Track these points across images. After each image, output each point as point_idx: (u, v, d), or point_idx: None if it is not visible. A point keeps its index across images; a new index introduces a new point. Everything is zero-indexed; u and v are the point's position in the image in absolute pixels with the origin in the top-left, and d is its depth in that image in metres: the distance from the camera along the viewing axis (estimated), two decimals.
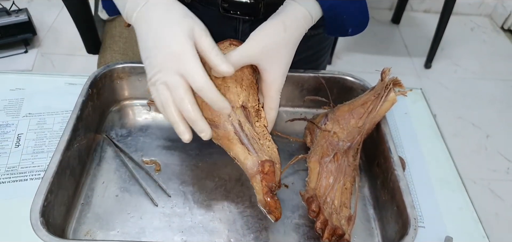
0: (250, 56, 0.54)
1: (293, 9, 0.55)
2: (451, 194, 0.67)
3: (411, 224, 0.52)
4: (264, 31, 0.54)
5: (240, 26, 0.71)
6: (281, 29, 0.54)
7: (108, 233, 0.56)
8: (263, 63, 0.55)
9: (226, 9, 0.68)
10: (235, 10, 0.68)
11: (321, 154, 0.61)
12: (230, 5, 0.67)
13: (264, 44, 0.54)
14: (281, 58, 0.55)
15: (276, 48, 0.54)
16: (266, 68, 0.55)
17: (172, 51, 0.49)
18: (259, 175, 0.54)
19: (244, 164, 0.55)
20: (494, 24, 2.63)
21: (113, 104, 0.73)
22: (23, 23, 1.91)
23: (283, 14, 0.55)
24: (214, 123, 0.55)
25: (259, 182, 0.54)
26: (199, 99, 0.53)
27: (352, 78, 0.71)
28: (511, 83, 2.21)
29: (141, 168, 0.64)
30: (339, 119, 0.62)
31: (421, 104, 0.82)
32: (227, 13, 0.68)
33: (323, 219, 0.55)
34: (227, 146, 0.56)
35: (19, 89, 0.75)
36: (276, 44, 0.54)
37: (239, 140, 0.55)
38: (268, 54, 0.54)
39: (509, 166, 1.78)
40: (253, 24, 0.70)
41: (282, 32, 0.54)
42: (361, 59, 2.25)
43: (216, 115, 0.55)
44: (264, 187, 0.54)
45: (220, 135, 0.56)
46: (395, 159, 0.59)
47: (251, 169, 0.54)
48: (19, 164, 0.63)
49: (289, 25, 0.54)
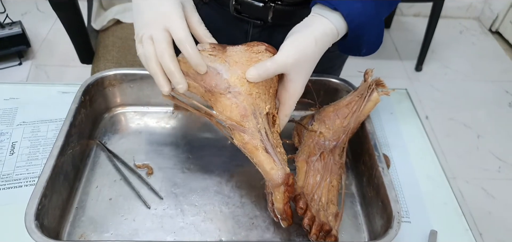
0: (285, 66, 0.55)
1: (322, 24, 0.56)
2: (435, 189, 0.69)
3: (395, 218, 0.54)
4: (298, 43, 0.55)
5: (250, 30, 0.74)
6: (313, 43, 0.55)
7: (102, 235, 0.57)
8: (291, 74, 0.56)
9: (238, 11, 0.70)
10: (246, 13, 0.70)
11: (308, 154, 0.63)
12: (241, 6, 0.70)
13: (298, 57, 0.54)
14: (307, 70, 0.57)
15: (306, 61, 0.55)
16: (292, 79, 0.56)
17: (162, 10, 0.54)
18: (283, 186, 0.55)
19: (269, 174, 0.55)
20: (482, 27, 2.67)
21: (106, 111, 0.75)
22: (17, 36, 1.92)
23: (313, 28, 0.56)
24: (242, 128, 0.55)
25: (282, 193, 0.55)
26: (228, 102, 0.55)
27: (337, 80, 0.73)
28: (500, 84, 2.24)
29: (134, 172, 0.66)
30: (325, 120, 0.65)
31: (407, 104, 0.84)
32: (238, 15, 0.71)
33: (310, 215, 0.57)
34: (251, 152, 0.56)
35: (13, 99, 0.76)
36: (307, 57, 0.55)
37: (265, 148, 0.55)
38: (299, 66, 0.55)
39: (500, 165, 1.81)
40: (262, 30, 0.73)
41: (313, 46, 0.55)
42: (352, 63, 2.25)
43: (245, 121, 0.55)
44: (286, 198, 0.55)
45: (246, 140, 0.55)
46: (380, 156, 0.61)
47: (276, 180, 0.54)
48: (13, 171, 0.65)
49: (320, 40, 0.55)
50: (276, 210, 0.57)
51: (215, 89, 0.55)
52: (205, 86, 0.55)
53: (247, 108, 0.55)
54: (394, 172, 0.71)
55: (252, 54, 0.57)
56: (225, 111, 0.55)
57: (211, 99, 0.56)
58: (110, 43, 1.29)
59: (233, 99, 0.54)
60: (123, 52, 1.27)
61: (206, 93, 0.56)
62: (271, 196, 0.57)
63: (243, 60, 0.56)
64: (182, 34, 0.53)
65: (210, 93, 0.56)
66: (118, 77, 0.72)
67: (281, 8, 0.68)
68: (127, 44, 1.30)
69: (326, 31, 0.56)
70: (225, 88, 0.55)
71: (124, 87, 0.73)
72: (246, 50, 0.56)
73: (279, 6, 0.68)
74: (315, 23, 0.56)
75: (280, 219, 0.58)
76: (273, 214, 0.58)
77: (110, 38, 1.31)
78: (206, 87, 0.55)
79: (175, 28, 0.53)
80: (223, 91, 0.55)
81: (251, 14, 0.70)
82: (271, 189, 0.56)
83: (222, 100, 0.55)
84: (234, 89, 0.55)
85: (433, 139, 1.88)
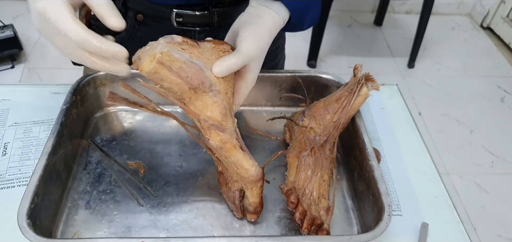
0: (249, 58, 0.54)
1: (269, 15, 0.57)
2: (427, 183, 0.70)
3: (385, 210, 0.55)
4: (256, 34, 0.55)
5: (196, 36, 0.73)
6: (267, 34, 0.56)
7: (95, 234, 0.58)
8: (252, 64, 0.56)
9: (181, 23, 0.70)
10: (190, 23, 0.70)
11: (299, 149, 0.64)
12: (184, 18, 0.70)
13: (259, 47, 0.55)
14: (262, 59, 0.58)
15: (263, 51, 0.57)
16: (251, 69, 0.57)
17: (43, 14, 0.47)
18: (261, 181, 0.57)
19: (249, 170, 0.55)
20: (473, 23, 2.69)
21: (97, 111, 0.75)
22: (9, 39, 1.92)
23: (264, 19, 0.57)
24: (222, 128, 0.53)
25: (260, 187, 0.57)
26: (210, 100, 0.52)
27: (327, 75, 0.74)
28: (492, 79, 2.26)
29: (126, 171, 0.66)
30: (315, 115, 0.65)
31: (397, 99, 0.85)
32: (182, 27, 0.70)
33: (302, 209, 0.57)
34: (229, 151, 0.54)
35: (5, 100, 0.76)
36: (265, 47, 0.57)
37: (241, 147, 0.56)
38: (259, 56, 0.56)
39: (493, 160, 1.83)
40: (208, 34, 0.73)
41: (267, 37, 0.57)
42: (345, 61, 2.29)
43: (224, 119, 0.54)
44: (261, 192, 0.58)
45: (225, 140, 0.54)
46: (370, 150, 0.62)
47: (256, 176, 0.56)
48: (6, 171, 0.65)
49: (271, 30, 0.57)
50: (250, 205, 0.58)
51: (201, 87, 0.51)
52: (191, 83, 0.50)
53: (227, 107, 0.54)
54: (385, 166, 0.71)
55: (220, 53, 0.55)
56: (206, 111, 0.52)
57: (191, 97, 0.52)
58: None
59: (214, 98, 0.52)
60: None
61: (188, 91, 0.51)
62: (240, 193, 0.58)
63: (213, 58, 0.53)
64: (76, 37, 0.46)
65: (193, 91, 0.51)
66: (109, 77, 0.72)
67: (223, 10, 0.69)
68: None
69: (275, 22, 0.58)
70: (209, 87, 0.51)
71: (115, 87, 0.74)
72: (214, 48, 0.54)
73: (221, 9, 0.69)
74: (265, 14, 0.57)
75: (249, 213, 0.59)
76: (237, 210, 0.60)
77: None
78: (192, 84, 0.50)
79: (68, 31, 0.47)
80: (207, 89, 0.51)
81: (195, 23, 0.70)
82: (247, 185, 0.57)
83: (204, 99, 0.52)
84: (215, 87, 0.52)
85: (426, 135, 1.89)
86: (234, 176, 0.58)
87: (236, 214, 0.60)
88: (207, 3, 0.68)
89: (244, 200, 0.59)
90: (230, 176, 0.59)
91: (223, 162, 0.58)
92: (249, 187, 0.57)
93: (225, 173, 0.60)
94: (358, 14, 2.68)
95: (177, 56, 0.48)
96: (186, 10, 0.69)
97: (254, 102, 0.78)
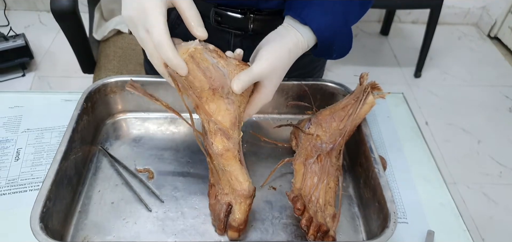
0: (261, 75, 0.57)
1: (294, 36, 0.59)
2: (432, 191, 0.70)
3: (391, 218, 0.55)
4: (274, 54, 0.57)
5: (232, 39, 0.75)
6: (287, 54, 0.58)
7: (105, 238, 0.59)
8: (266, 81, 0.58)
9: (218, 22, 0.72)
10: (226, 24, 0.72)
11: (305, 156, 0.64)
12: (222, 18, 0.71)
13: (275, 66, 0.57)
14: (280, 77, 0.59)
15: (281, 69, 0.58)
16: (265, 85, 0.58)
17: (143, 6, 0.51)
18: (251, 199, 0.58)
19: (243, 184, 0.57)
20: (480, 32, 2.69)
21: (107, 117, 0.77)
22: (20, 48, 1.95)
23: (287, 39, 0.58)
24: (227, 134, 0.56)
25: (248, 204, 0.58)
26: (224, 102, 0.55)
27: (334, 84, 0.75)
28: (499, 89, 2.25)
29: (135, 176, 0.67)
30: (322, 123, 0.66)
31: (403, 108, 0.85)
32: (219, 26, 0.72)
33: (308, 216, 0.58)
34: (229, 159, 0.57)
35: (18, 107, 0.78)
36: (282, 66, 0.58)
37: (240, 160, 0.58)
38: (274, 74, 0.58)
39: (501, 170, 1.81)
40: (244, 39, 0.74)
41: (287, 57, 0.58)
42: (352, 71, 2.30)
43: (232, 128, 0.56)
44: (249, 210, 0.59)
45: (228, 147, 0.56)
46: (376, 157, 0.62)
47: (248, 191, 0.57)
48: (19, 176, 0.66)
49: (293, 51, 0.58)
50: (234, 221, 0.58)
51: (220, 90, 0.55)
52: (212, 83, 0.54)
53: (237, 118, 0.57)
54: (391, 174, 0.72)
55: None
56: (217, 114, 0.55)
57: (208, 98, 0.55)
58: (111, 53, 1.31)
59: (228, 105, 0.55)
60: (124, 62, 1.29)
61: (208, 90, 0.54)
62: (227, 207, 0.58)
63: (235, 73, 0.56)
64: (156, 37, 0.50)
65: (212, 93, 0.55)
66: (119, 84, 0.74)
67: (260, 18, 0.70)
68: (128, 54, 1.32)
69: (298, 44, 0.59)
70: (227, 94, 0.55)
71: (125, 94, 0.75)
72: (237, 65, 0.57)
73: (258, 17, 0.70)
74: (289, 35, 0.59)
75: (230, 230, 0.59)
76: (220, 225, 0.59)
77: (111, 48, 1.33)
78: (213, 85, 0.54)
79: (151, 30, 0.51)
80: (224, 95, 0.55)
81: (231, 25, 0.72)
82: (237, 199, 0.58)
83: (220, 103, 0.55)
84: (231, 97, 0.56)
85: (433, 145, 1.89)
86: (225, 189, 0.59)
87: (217, 229, 0.60)
88: (246, 9, 0.70)
89: (229, 216, 0.59)
90: (222, 188, 0.60)
91: (219, 172, 0.59)
92: (238, 201, 0.58)
93: (217, 185, 0.61)
94: (365, 24, 2.69)
95: (207, 57, 0.53)
96: (224, 10, 0.70)
97: (261, 109, 0.78)
